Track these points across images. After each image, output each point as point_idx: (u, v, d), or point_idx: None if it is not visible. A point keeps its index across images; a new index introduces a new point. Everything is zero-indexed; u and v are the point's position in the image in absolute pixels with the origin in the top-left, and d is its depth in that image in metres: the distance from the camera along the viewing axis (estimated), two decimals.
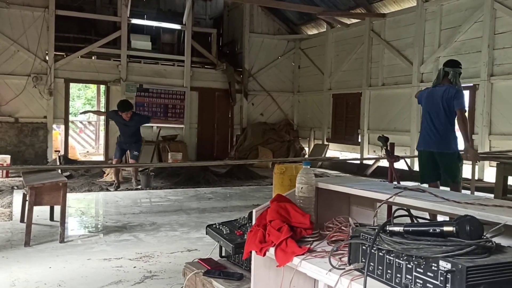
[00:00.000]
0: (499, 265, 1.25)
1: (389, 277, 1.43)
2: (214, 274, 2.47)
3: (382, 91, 11.11)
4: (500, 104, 8.21)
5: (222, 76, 13.29)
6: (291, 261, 1.81)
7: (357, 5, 11.52)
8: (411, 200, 1.74)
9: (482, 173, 8.35)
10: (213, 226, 2.64)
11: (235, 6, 13.94)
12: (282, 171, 5.73)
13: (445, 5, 9.49)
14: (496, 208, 1.55)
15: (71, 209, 6.33)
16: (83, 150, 15.07)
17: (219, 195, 7.93)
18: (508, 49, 8.23)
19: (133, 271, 3.77)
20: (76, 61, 11.62)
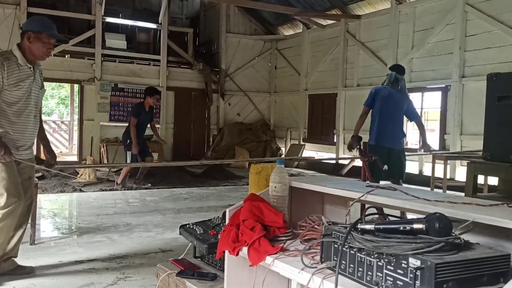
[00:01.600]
0: (467, 262, 1.27)
1: (361, 275, 1.44)
2: (188, 274, 2.44)
3: (357, 91, 11.23)
4: (471, 105, 8.39)
5: (198, 76, 13.23)
6: (264, 261, 1.80)
7: (332, 6, 11.62)
8: (382, 198, 1.76)
9: (453, 172, 8.53)
10: (187, 226, 2.62)
11: (212, 6, 13.89)
12: (258, 171, 5.73)
13: (418, 8, 9.66)
14: (465, 205, 1.57)
15: (43, 211, 6.20)
16: (57, 151, 14.75)
17: (195, 196, 7.88)
18: (478, 51, 8.43)
19: (105, 272, 3.71)
20: (49, 59, 11.20)
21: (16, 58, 3.33)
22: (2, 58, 3.27)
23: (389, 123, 5.22)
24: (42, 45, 3.37)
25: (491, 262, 1.31)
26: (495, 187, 5.21)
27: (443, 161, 7.15)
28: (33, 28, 3.37)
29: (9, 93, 3.29)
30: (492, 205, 1.58)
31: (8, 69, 3.26)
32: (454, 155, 7.84)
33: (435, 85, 9.30)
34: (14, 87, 3.30)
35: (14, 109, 3.33)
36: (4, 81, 3.25)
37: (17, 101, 3.33)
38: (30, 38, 3.35)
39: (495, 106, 3.97)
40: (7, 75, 3.26)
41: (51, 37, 3.40)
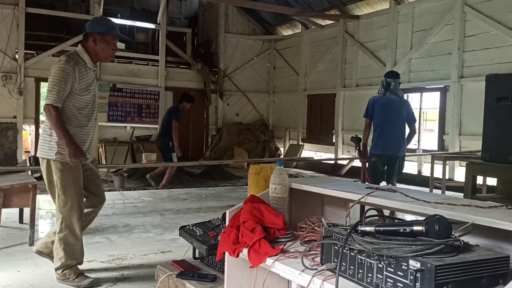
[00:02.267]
0: (467, 264, 1.28)
1: (361, 277, 1.44)
2: (188, 276, 2.44)
3: (356, 92, 11.24)
4: (470, 105, 8.41)
5: (197, 76, 13.22)
6: (264, 262, 1.80)
7: (331, 6, 11.63)
8: (382, 200, 1.76)
9: (452, 173, 8.54)
10: (187, 227, 2.62)
11: (210, 6, 13.89)
12: (257, 172, 5.72)
13: (417, 8, 9.67)
14: (464, 207, 1.58)
15: (42, 211, 6.19)
16: None
17: (194, 196, 7.88)
18: (477, 52, 8.45)
19: (104, 273, 3.71)
20: (47, 60, 11.36)
21: (83, 62, 3.29)
22: (73, 62, 3.21)
23: (391, 130, 5.26)
24: (107, 46, 3.34)
25: (491, 264, 1.31)
26: (494, 188, 5.22)
27: (442, 162, 7.17)
28: (98, 29, 3.33)
29: (80, 98, 3.27)
30: (491, 207, 1.59)
31: (79, 74, 3.22)
32: (453, 155, 7.86)
33: (434, 85, 9.32)
34: (84, 92, 3.27)
35: (83, 113, 3.31)
36: (76, 86, 3.21)
37: (86, 105, 3.31)
38: (95, 40, 3.30)
39: (494, 107, 3.98)
40: (78, 80, 3.22)
41: (116, 38, 3.38)
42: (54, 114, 3.13)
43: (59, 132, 3.15)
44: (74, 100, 3.25)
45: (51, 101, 3.13)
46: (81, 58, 3.28)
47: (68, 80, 3.17)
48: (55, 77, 3.17)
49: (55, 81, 3.17)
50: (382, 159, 5.09)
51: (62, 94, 3.16)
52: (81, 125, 3.32)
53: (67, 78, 3.16)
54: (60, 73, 3.17)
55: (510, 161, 3.78)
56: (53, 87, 3.16)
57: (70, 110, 3.25)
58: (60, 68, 3.18)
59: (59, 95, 3.15)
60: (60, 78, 3.16)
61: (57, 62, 3.24)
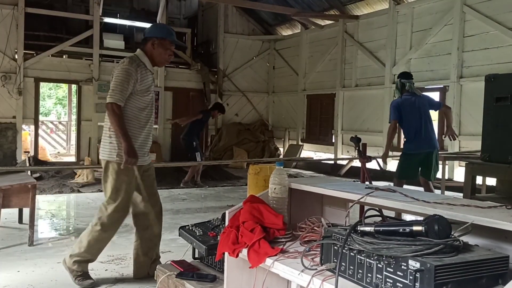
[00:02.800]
0: (466, 264, 1.28)
1: (360, 277, 1.44)
2: (187, 276, 2.44)
3: (356, 92, 11.25)
4: (469, 105, 8.41)
5: (196, 76, 13.22)
6: (263, 262, 1.80)
7: (331, 6, 11.64)
8: (382, 200, 1.76)
9: (452, 173, 8.54)
10: (186, 227, 2.62)
11: (210, 6, 13.88)
12: (256, 172, 5.71)
13: (416, 8, 9.67)
14: (463, 207, 1.58)
15: (41, 211, 6.20)
16: (54, 151, 14.76)
17: (193, 196, 7.88)
18: (476, 52, 8.45)
19: (104, 274, 3.71)
20: (47, 60, 11.37)
21: (144, 64, 3.37)
22: (135, 64, 3.30)
23: (421, 128, 5.42)
24: (164, 51, 3.41)
25: (490, 264, 1.31)
26: (493, 188, 5.22)
27: (442, 162, 7.16)
28: (156, 34, 3.41)
29: (140, 99, 3.34)
30: (491, 207, 1.59)
31: (140, 75, 3.30)
32: (452, 155, 7.86)
33: (433, 85, 9.32)
34: (145, 93, 3.36)
35: (144, 113, 3.38)
36: (137, 86, 3.29)
37: (146, 106, 3.39)
38: (154, 44, 3.38)
39: (493, 107, 3.98)
40: (140, 81, 3.30)
41: (173, 43, 3.46)
42: (117, 112, 3.21)
43: (119, 129, 3.20)
44: (136, 100, 3.33)
45: (115, 100, 3.21)
46: (142, 61, 3.37)
47: (131, 81, 3.26)
48: (118, 77, 3.26)
49: (118, 81, 3.25)
50: (417, 158, 5.39)
51: (124, 93, 3.24)
52: (141, 126, 3.39)
53: (129, 79, 3.25)
54: (123, 73, 3.26)
55: (510, 161, 3.78)
56: (116, 86, 3.24)
57: (131, 110, 3.32)
58: (123, 68, 3.28)
59: (122, 94, 3.24)
60: (124, 78, 3.25)
61: (120, 63, 3.35)
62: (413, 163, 5.46)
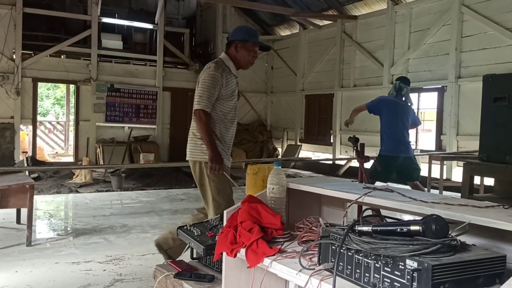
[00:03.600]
0: (463, 263, 1.28)
1: (358, 277, 1.44)
2: (185, 276, 2.44)
3: (354, 92, 11.25)
4: (467, 105, 8.43)
5: (195, 77, 13.18)
6: (262, 262, 1.80)
7: (329, 7, 11.64)
8: (379, 200, 1.76)
9: (450, 173, 8.55)
10: (184, 227, 2.61)
11: (208, 6, 13.88)
12: (255, 172, 5.71)
13: (415, 8, 9.69)
14: (461, 207, 1.58)
15: (39, 212, 6.19)
16: (52, 151, 14.73)
17: (191, 196, 7.87)
18: (474, 52, 8.46)
19: (102, 274, 3.70)
20: (45, 60, 11.36)
21: (228, 69, 3.38)
22: (221, 69, 3.31)
23: (399, 132, 5.47)
24: (248, 53, 3.40)
25: (487, 264, 1.32)
26: (491, 188, 5.23)
27: (440, 162, 7.18)
28: (239, 37, 3.41)
29: (225, 103, 3.36)
30: (488, 207, 1.59)
31: (226, 80, 3.31)
32: (450, 155, 7.87)
33: (432, 85, 9.33)
34: (229, 97, 3.37)
35: (228, 117, 3.41)
36: (222, 91, 3.30)
37: (230, 110, 3.41)
38: (237, 47, 3.39)
39: (491, 107, 3.99)
40: (225, 86, 3.31)
41: (256, 44, 3.44)
42: (204, 119, 3.24)
43: (205, 136, 3.23)
44: (221, 105, 3.34)
45: (202, 106, 3.23)
46: (227, 66, 3.38)
47: (217, 86, 3.27)
48: (205, 83, 3.28)
49: (205, 87, 3.26)
50: (393, 161, 5.39)
51: (211, 99, 3.26)
52: (227, 129, 3.41)
53: (216, 84, 3.26)
54: (210, 79, 3.27)
55: (507, 161, 3.79)
56: (203, 92, 3.26)
57: (217, 115, 3.34)
58: (210, 74, 3.29)
59: (209, 101, 3.26)
60: (210, 84, 3.26)
61: (206, 69, 3.35)
62: (388, 166, 5.38)
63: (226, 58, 3.42)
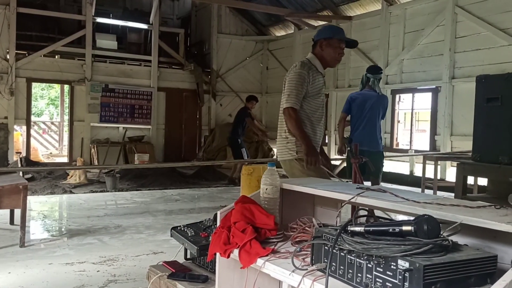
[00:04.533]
0: (455, 263, 1.28)
1: (351, 277, 1.44)
2: (179, 277, 2.44)
3: (349, 92, 11.16)
4: (461, 106, 8.46)
5: (190, 77, 13.20)
6: (255, 263, 1.80)
7: (324, 7, 11.66)
8: (372, 200, 1.77)
9: (444, 173, 8.59)
10: (178, 228, 2.61)
11: (203, 6, 13.87)
12: (249, 172, 5.71)
13: (409, 9, 9.72)
14: (453, 207, 1.58)
15: (33, 212, 6.16)
16: (46, 152, 14.67)
17: (186, 197, 7.87)
18: (468, 53, 8.50)
19: (96, 275, 3.69)
20: (39, 60, 11.31)
21: (315, 67, 3.38)
22: (307, 67, 3.33)
23: (366, 126, 5.35)
24: (333, 50, 3.40)
25: (479, 263, 1.32)
26: (485, 188, 5.25)
27: (434, 162, 7.21)
28: (323, 35, 3.43)
29: (312, 101, 3.37)
30: (480, 207, 1.60)
31: (312, 78, 3.32)
32: (444, 155, 7.90)
33: (426, 86, 9.37)
34: (316, 95, 3.38)
35: (315, 116, 3.42)
36: (309, 89, 3.32)
37: (317, 108, 3.42)
38: (322, 46, 3.41)
39: (484, 108, 4.01)
40: (311, 84, 3.32)
41: (341, 41, 3.43)
42: (294, 116, 3.26)
43: (298, 132, 3.26)
44: (308, 103, 3.36)
45: (291, 104, 3.27)
46: (313, 64, 3.39)
47: (304, 84, 3.30)
48: (292, 82, 3.31)
49: (293, 85, 3.30)
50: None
51: (299, 97, 3.29)
52: (314, 128, 3.42)
53: (302, 82, 3.29)
54: (296, 77, 3.30)
55: (500, 161, 3.81)
56: (291, 91, 3.30)
57: (304, 113, 3.36)
58: (296, 72, 3.32)
59: (298, 98, 3.29)
60: (297, 82, 3.29)
61: (292, 68, 3.40)
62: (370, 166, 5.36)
63: (312, 57, 3.43)
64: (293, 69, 3.37)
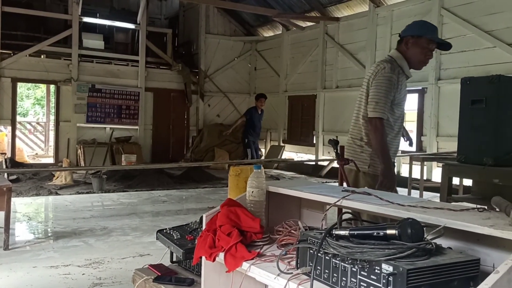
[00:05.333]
0: (438, 267, 1.29)
1: (335, 281, 1.45)
2: (165, 280, 2.42)
3: (336, 93, 11.33)
4: (447, 107, 8.55)
5: (177, 77, 13.15)
6: (240, 266, 1.80)
7: (311, 8, 11.70)
8: (357, 203, 1.77)
9: (430, 173, 8.67)
10: (164, 231, 2.60)
11: (191, 6, 13.83)
12: (237, 173, 5.71)
13: (396, 11, 9.79)
14: (436, 210, 1.60)
15: (18, 214, 6.08)
16: (32, 152, 14.50)
17: (174, 198, 7.83)
18: (454, 54, 8.58)
19: (81, 278, 3.65)
20: (24, 59, 11.17)
21: (401, 69, 2.99)
22: (396, 71, 2.95)
23: None
24: (420, 51, 2.97)
25: (462, 267, 1.33)
26: (470, 189, 5.31)
27: (420, 163, 7.27)
28: (411, 32, 3.00)
29: (395, 109, 3.01)
30: (463, 210, 1.61)
31: (400, 84, 2.95)
32: (430, 156, 7.97)
33: (412, 87, 9.42)
34: (400, 103, 3.02)
35: (397, 124, 3.06)
36: (396, 95, 2.94)
37: (398, 118, 3.05)
38: (408, 43, 2.99)
39: (469, 110, 4.05)
40: (398, 90, 2.95)
41: (431, 41, 2.97)
42: (381, 128, 2.88)
43: (380, 149, 2.89)
44: (391, 111, 2.98)
45: (380, 114, 2.88)
46: (399, 65, 3.00)
47: (392, 90, 2.92)
48: (381, 87, 2.91)
49: (382, 92, 2.90)
50: None
51: (388, 105, 2.92)
52: (393, 136, 3.05)
53: (392, 88, 2.91)
54: (386, 83, 2.91)
55: (484, 163, 3.85)
56: (380, 98, 2.90)
57: (387, 121, 2.97)
58: (386, 77, 2.92)
59: (386, 107, 2.90)
60: (387, 88, 2.90)
61: (380, 69, 2.98)
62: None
63: (399, 56, 3.01)
64: (381, 72, 2.95)
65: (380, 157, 2.89)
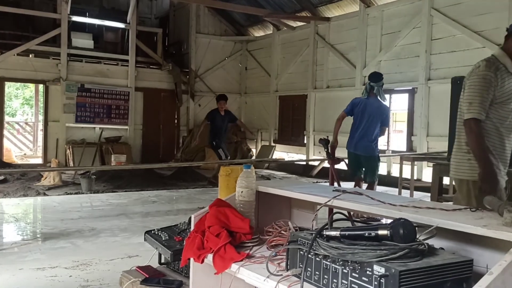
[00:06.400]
0: (430, 268, 1.26)
1: (326, 282, 1.41)
2: (152, 282, 2.38)
3: (327, 93, 11.33)
4: (437, 106, 8.57)
5: (168, 77, 13.07)
6: (229, 268, 1.76)
7: (302, 8, 11.69)
8: (348, 203, 1.75)
9: (420, 173, 8.69)
10: (152, 232, 2.55)
11: (181, 6, 13.75)
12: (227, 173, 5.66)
13: (386, 11, 9.81)
14: (429, 210, 1.57)
15: (5, 215, 5.99)
16: (20, 153, 14.33)
17: (164, 198, 7.76)
18: (443, 54, 8.63)
19: (68, 280, 3.59)
20: (12, 59, 11.03)
21: (504, 67, 2.80)
22: (494, 68, 2.77)
23: (362, 132, 5.63)
24: None
25: (454, 268, 1.31)
26: None
27: (411, 162, 7.28)
28: None
29: (501, 108, 2.81)
30: (455, 210, 1.59)
31: (501, 81, 2.77)
32: (420, 156, 7.99)
33: (403, 87, 9.46)
34: (506, 101, 2.82)
35: (505, 125, 2.84)
36: (496, 94, 2.76)
37: (507, 116, 2.84)
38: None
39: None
40: (500, 88, 2.76)
41: None
42: (476, 130, 2.72)
43: (477, 151, 2.72)
44: (495, 111, 2.81)
45: (474, 115, 2.72)
46: (501, 63, 2.81)
47: (490, 89, 2.75)
48: (475, 86, 2.77)
49: (476, 91, 2.76)
50: (354, 157, 5.67)
51: (484, 105, 2.75)
52: (502, 141, 2.86)
53: (489, 86, 2.74)
54: (481, 81, 2.76)
55: None
56: (474, 98, 2.75)
57: (491, 122, 2.80)
58: (479, 75, 2.78)
59: (482, 107, 2.74)
60: (482, 87, 2.75)
61: (474, 68, 2.85)
62: (352, 161, 5.73)
63: (501, 54, 2.85)
64: (475, 71, 2.82)
65: (478, 160, 2.73)
